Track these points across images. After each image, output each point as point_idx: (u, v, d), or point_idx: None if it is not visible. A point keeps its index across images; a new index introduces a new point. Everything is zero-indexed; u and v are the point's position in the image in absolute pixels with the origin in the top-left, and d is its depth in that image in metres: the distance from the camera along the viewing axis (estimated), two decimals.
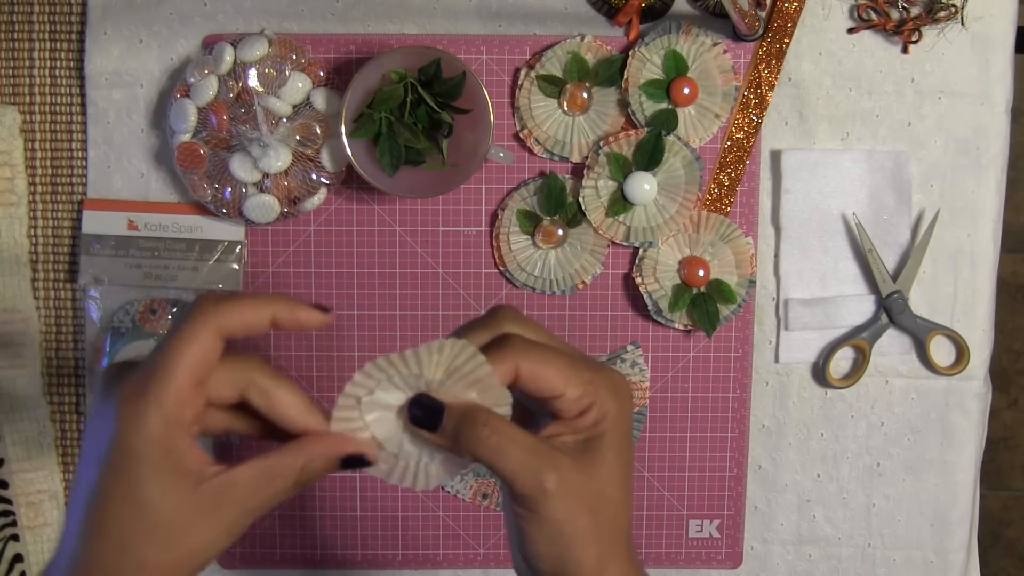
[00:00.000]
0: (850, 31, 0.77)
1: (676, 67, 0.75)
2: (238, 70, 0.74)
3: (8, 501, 0.79)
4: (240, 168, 0.74)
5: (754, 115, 0.77)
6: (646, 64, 0.75)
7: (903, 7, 0.76)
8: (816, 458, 0.81)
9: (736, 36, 0.76)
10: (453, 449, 0.44)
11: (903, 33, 0.76)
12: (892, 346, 0.80)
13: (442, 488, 0.80)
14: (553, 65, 0.76)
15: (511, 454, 0.43)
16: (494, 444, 0.43)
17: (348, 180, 0.77)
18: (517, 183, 0.78)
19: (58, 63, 0.78)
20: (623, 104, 0.76)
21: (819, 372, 0.80)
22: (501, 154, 0.75)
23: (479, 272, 0.79)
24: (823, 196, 0.78)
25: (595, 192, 0.76)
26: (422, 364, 0.44)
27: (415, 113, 0.73)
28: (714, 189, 0.78)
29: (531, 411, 0.48)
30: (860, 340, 0.79)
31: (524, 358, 0.44)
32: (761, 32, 0.76)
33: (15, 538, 0.79)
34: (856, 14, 0.77)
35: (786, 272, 0.79)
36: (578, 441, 0.45)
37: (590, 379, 0.45)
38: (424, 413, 0.44)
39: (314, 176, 0.75)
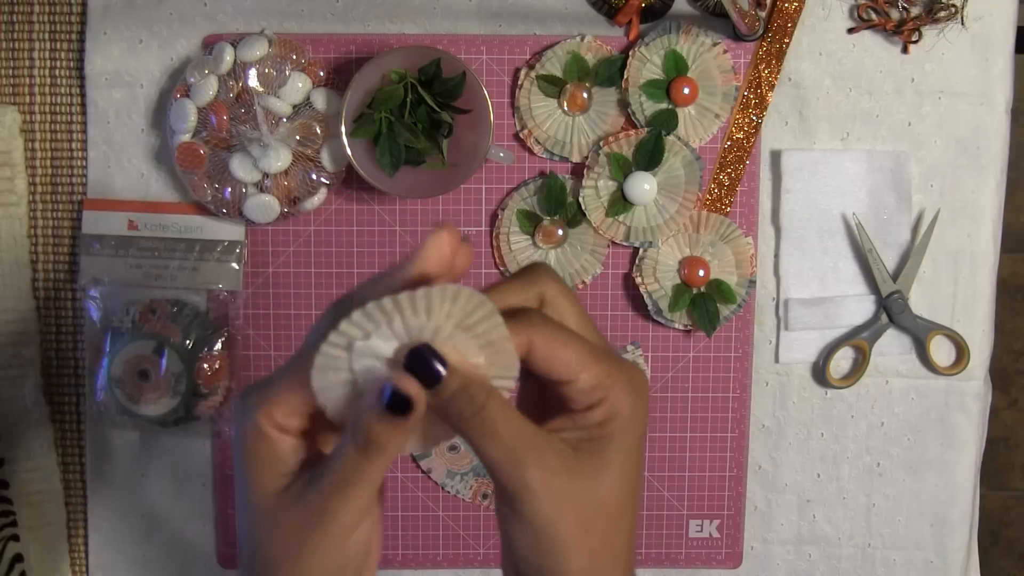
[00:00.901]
0: (850, 31, 0.77)
1: (676, 67, 0.75)
2: (238, 70, 0.74)
3: (8, 501, 0.79)
4: (240, 168, 0.74)
5: (754, 115, 0.77)
6: (646, 64, 0.75)
7: (903, 7, 0.76)
8: (816, 458, 0.81)
9: (736, 36, 0.76)
10: (440, 415, 0.39)
11: (903, 33, 0.76)
12: (892, 346, 0.80)
13: (442, 488, 0.80)
14: (553, 65, 0.76)
15: (498, 440, 0.38)
16: (482, 424, 0.38)
17: (348, 180, 0.77)
18: (517, 183, 0.78)
19: (58, 63, 0.78)
20: (623, 104, 0.76)
21: (819, 372, 0.80)
22: (501, 154, 0.75)
23: (479, 272, 0.79)
24: (823, 196, 0.78)
25: (595, 192, 0.76)
26: (432, 311, 0.38)
27: (415, 113, 0.73)
28: (714, 189, 0.78)
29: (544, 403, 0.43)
30: (860, 340, 0.79)
31: (542, 333, 0.39)
32: (761, 32, 0.76)
33: (15, 538, 0.79)
34: (856, 14, 0.77)
35: (786, 272, 0.79)
36: (582, 439, 0.40)
37: (607, 371, 0.40)
38: (423, 368, 0.38)
39: (314, 176, 0.75)
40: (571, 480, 0.39)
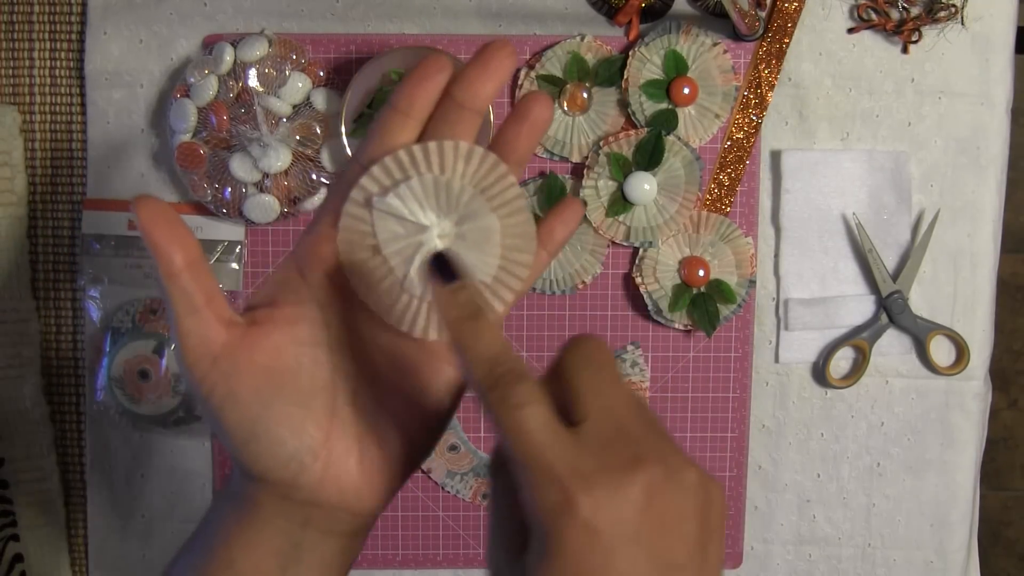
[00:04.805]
0: (850, 31, 0.77)
1: (676, 67, 0.75)
2: (238, 70, 0.74)
3: (8, 501, 0.79)
4: (240, 168, 0.74)
5: (754, 115, 0.77)
6: (646, 64, 0.76)
7: (903, 7, 0.76)
8: (816, 458, 0.81)
9: (736, 36, 0.76)
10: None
11: (903, 33, 0.77)
12: (892, 346, 0.80)
13: (442, 488, 0.80)
14: (553, 65, 0.76)
15: (538, 441, 0.30)
16: (520, 419, 0.30)
17: None
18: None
19: (58, 63, 0.78)
20: (623, 104, 0.76)
21: (819, 372, 0.80)
22: None
23: None
24: (823, 196, 0.78)
25: (595, 192, 0.76)
26: (445, 165, 0.38)
27: None
28: (714, 189, 0.78)
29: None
30: (860, 340, 0.79)
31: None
32: (761, 32, 0.76)
33: (15, 538, 0.79)
34: (856, 14, 0.77)
35: (786, 272, 0.79)
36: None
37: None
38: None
39: (314, 176, 0.75)
40: (627, 506, 0.32)
